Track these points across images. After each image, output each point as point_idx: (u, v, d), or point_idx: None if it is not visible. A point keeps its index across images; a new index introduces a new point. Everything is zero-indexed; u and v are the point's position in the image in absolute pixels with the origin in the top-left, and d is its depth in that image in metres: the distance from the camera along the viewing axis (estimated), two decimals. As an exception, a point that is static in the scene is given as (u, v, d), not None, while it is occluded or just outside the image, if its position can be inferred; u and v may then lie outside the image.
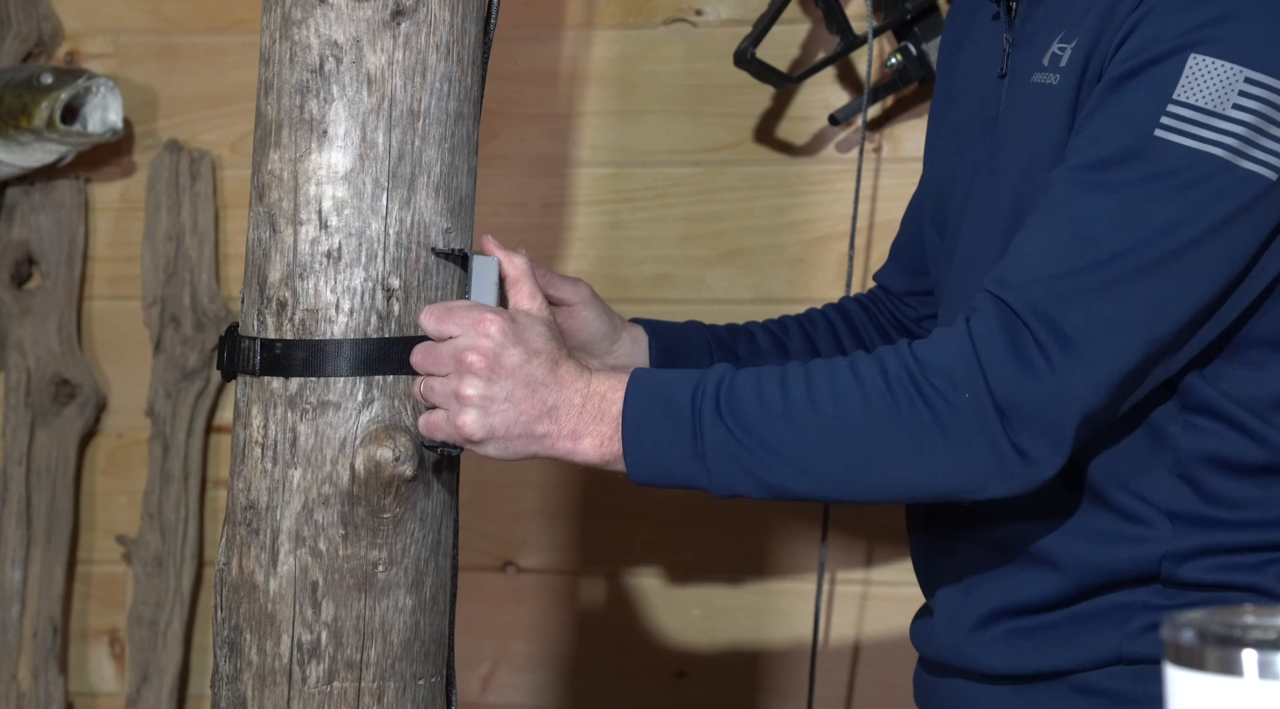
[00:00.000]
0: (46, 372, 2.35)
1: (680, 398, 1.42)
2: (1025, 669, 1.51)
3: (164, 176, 2.33)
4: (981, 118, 1.57)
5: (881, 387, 1.38)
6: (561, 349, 1.45)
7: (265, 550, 1.47)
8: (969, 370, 1.37)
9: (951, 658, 1.56)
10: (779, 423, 1.40)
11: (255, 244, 1.49)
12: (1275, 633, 0.91)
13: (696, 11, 2.23)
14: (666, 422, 1.42)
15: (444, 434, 1.44)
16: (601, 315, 1.67)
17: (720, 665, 2.24)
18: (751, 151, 2.22)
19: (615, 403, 1.43)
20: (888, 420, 1.38)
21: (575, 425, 1.43)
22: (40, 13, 2.36)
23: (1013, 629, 1.52)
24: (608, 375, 1.45)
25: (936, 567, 1.59)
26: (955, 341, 1.38)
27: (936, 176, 1.68)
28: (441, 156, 1.49)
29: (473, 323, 1.42)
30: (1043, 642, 1.50)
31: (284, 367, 1.46)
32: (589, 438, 1.43)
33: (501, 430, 1.42)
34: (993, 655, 1.53)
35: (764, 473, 1.42)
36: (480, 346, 1.41)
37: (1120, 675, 1.47)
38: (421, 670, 1.51)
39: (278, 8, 1.48)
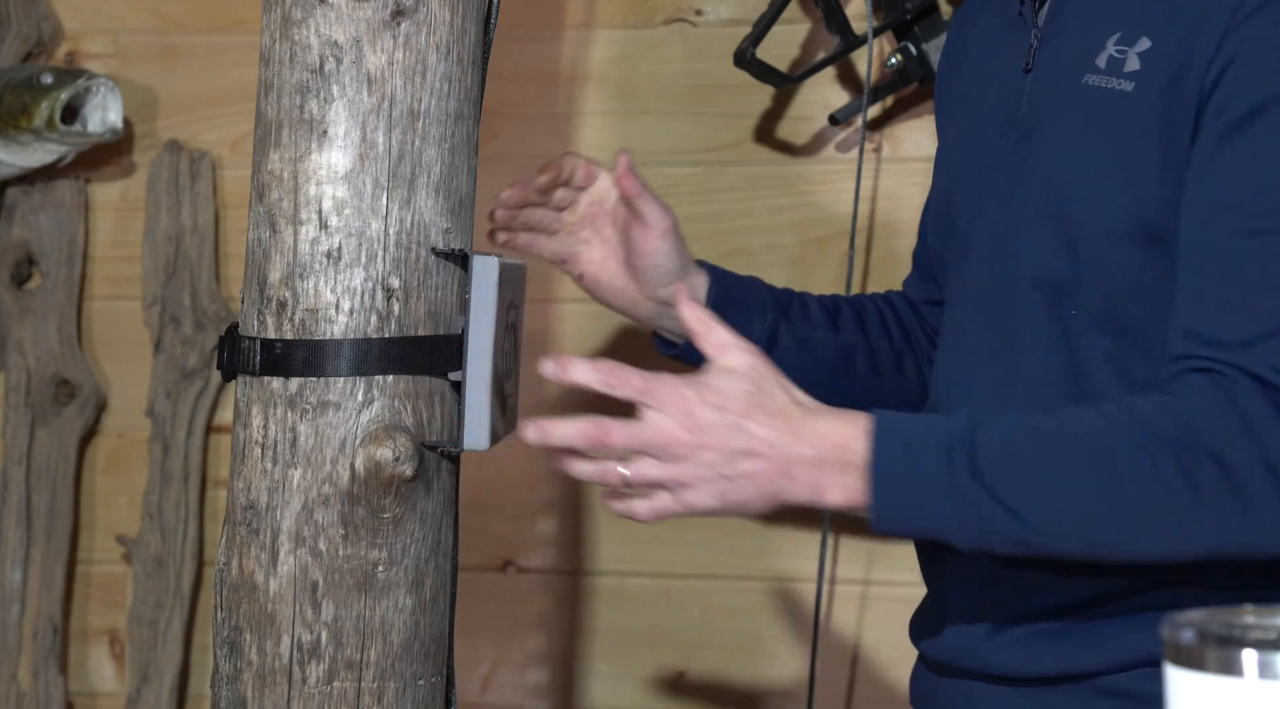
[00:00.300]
0: (46, 371, 2.35)
1: (932, 455, 1.37)
2: (1047, 671, 1.49)
3: (164, 176, 2.33)
4: (999, 114, 1.56)
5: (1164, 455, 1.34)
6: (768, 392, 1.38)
7: (265, 550, 1.47)
8: (1242, 436, 1.33)
9: (964, 659, 1.54)
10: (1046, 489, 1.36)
11: (255, 244, 1.49)
12: (1275, 633, 0.91)
13: (696, 11, 2.23)
14: (919, 477, 1.36)
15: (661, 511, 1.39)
16: (674, 251, 1.67)
17: (720, 665, 2.24)
18: (751, 151, 2.22)
19: (857, 453, 1.37)
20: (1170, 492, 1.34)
21: (815, 480, 1.37)
22: (40, 13, 2.36)
23: (1035, 631, 1.50)
24: (835, 418, 1.38)
25: (948, 566, 1.57)
26: (1218, 407, 1.35)
27: (944, 179, 1.66)
28: (441, 156, 1.49)
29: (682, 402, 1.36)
30: (1068, 644, 1.48)
31: (284, 367, 1.46)
32: (833, 491, 1.38)
33: (735, 499, 1.38)
34: (1011, 657, 1.51)
35: (1028, 538, 1.37)
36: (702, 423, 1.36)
37: (1146, 676, 1.45)
38: (421, 670, 1.51)
39: (278, 8, 1.48)
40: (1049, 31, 1.53)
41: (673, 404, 1.37)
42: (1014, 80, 1.55)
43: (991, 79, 1.59)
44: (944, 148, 1.70)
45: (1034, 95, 1.52)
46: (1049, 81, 1.52)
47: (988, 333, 1.54)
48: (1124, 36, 1.45)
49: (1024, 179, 1.50)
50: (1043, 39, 1.53)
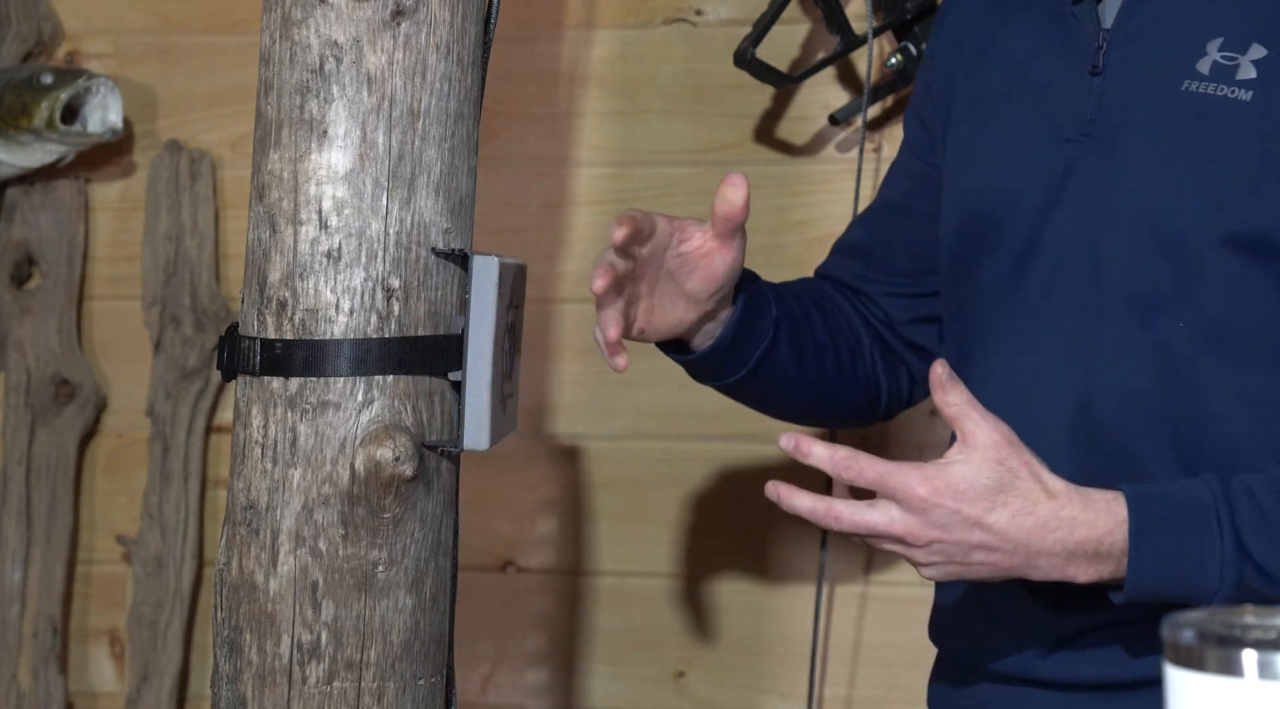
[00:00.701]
0: (46, 372, 2.35)
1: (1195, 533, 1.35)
2: (1124, 678, 1.45)
3: (164, 176, 2.33)
4: (1059, 118, 1.49)
5: None
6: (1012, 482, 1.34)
7: (265, 550, 1.47)
8: None
9: (1029, 669, 1.50)
10: None
11: (255, 244, 1.49)
12: (1275, 633, 0.91)
13: (696, 11, 2.23)
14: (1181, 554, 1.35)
15: None
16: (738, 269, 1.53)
17: (720, 665, 2.24)
18: (751, 151, 2.22)
19: (1114, 545, 1.35)
20: None
21: (1062, 569, 1.35)
22: (40, 13, 2.36)
23: (1112, 637, 1.46)
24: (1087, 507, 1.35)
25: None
26: None
27: (972, 182, 1.57)
28: (441, 156, 1.49)
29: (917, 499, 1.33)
30: (1146, 648, 1.44)
31: (284, 367, 1.46)
32: (1083, 575, 1.36)
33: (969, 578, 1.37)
34: (1084, 666, 1.47)
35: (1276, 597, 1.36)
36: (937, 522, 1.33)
37: None
38: (421, 670, 1.51)
39: (278, 8, 1.48)
40: (1121, 33, 1.48)
41: (909, 500, 1.33)
42: (1076, 83, 1.49)
43: (1039, 80, 1.53)
44: (964, 149, 1.60)
45: (1110, 100, 1.47)
46: (1130, 86, 1.46)
47: (1064, 347, 1.48)
48: (1229, 42, 1.42)
49: (1109, 188, 1.45)
50: (1112, 41, 1.48)
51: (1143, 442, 1.44)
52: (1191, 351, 1.43)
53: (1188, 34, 1.44)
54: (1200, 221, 1.41)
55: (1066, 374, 1.47)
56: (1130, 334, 1.44)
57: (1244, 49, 1.41)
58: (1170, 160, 1.43)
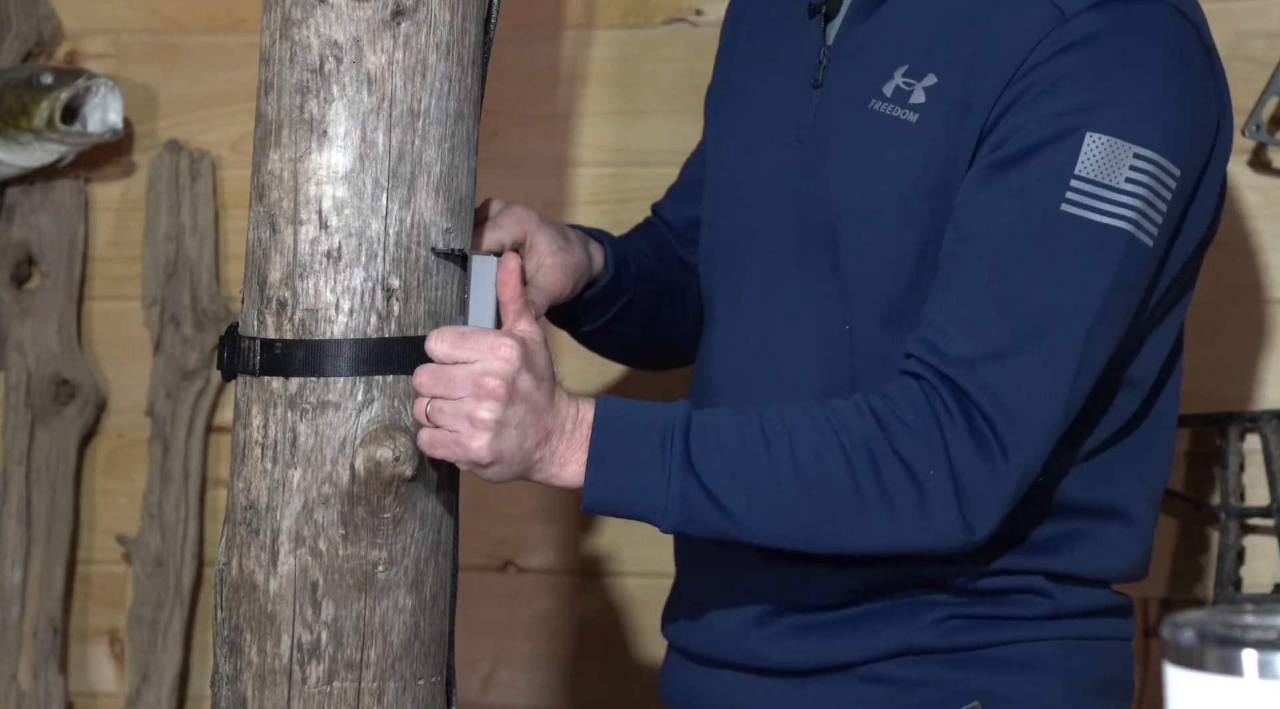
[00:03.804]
0: (46, 372, 2.35)
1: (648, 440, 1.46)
2: (810, 663, 1.56)
3: (164, 176, 2.33)
4: (784, 124, 1.61)
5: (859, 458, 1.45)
6: (554, 373, 1.48)
7: (265, 550, 1.47)
8: (934, 448, 1.44)
9: (729, 653, 1.60)
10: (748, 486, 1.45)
11: (255, 244, 1.49)
12: (1275, 633, 0.91)
13: (696, 11, 2.23)
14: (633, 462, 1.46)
15: (447, 454, 1.44)
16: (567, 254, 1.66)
17: (720, 665, 2.24)
18: (751, 151, 2.22)
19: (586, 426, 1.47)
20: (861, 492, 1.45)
21: (564, 452, 1.47)
22: (40, 13, 2.36)
23: (797, 624, 1.57)
24: (591, 402, 1.48)
25: (708, 562, 1.62)
26: (920, 417, 1.45)
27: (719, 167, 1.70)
28: (441, 156, 1.49)
29: (490, 348, 1.42)
30: (829, 636, 1.55)
31: (284, 366, 1.46)
32: (573, 464, 1.47)
33: (507, 455, 1.44)
34: (775, 650, 1.57)
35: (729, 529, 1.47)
36: (499, 371, 1.42)
37: (907, 664, 1.54)
38: (421, 670, 1.51)
39: (278, 8, 1.48)
40: (839, 51, 1.59)
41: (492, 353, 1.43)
42: (801, 92, 1.60)
43: (775, 85, 1.64)
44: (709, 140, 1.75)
45: (822, 111, 1.58)
46: (837, 100, 1.57)
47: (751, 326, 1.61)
48: (911, 69, 1.53)
49: (806, 197, 1.57)
50: (832, 57, 1.59)
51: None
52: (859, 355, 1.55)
53: (884, 58, 1.55)
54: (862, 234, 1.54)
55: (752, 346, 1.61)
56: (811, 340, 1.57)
57: (921, 76, 1.52)
58: (847, 172, 1.55)
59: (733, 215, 1.66)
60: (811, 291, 1.57)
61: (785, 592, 1.57)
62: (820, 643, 1.56)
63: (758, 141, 1.64)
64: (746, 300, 1.63)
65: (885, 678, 1.55)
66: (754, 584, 1.58)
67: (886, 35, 1.56)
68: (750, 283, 1.62)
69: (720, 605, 1.61)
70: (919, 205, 1.51)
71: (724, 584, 1.61)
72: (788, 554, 1.52)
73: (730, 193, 1.67)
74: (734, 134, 1.69)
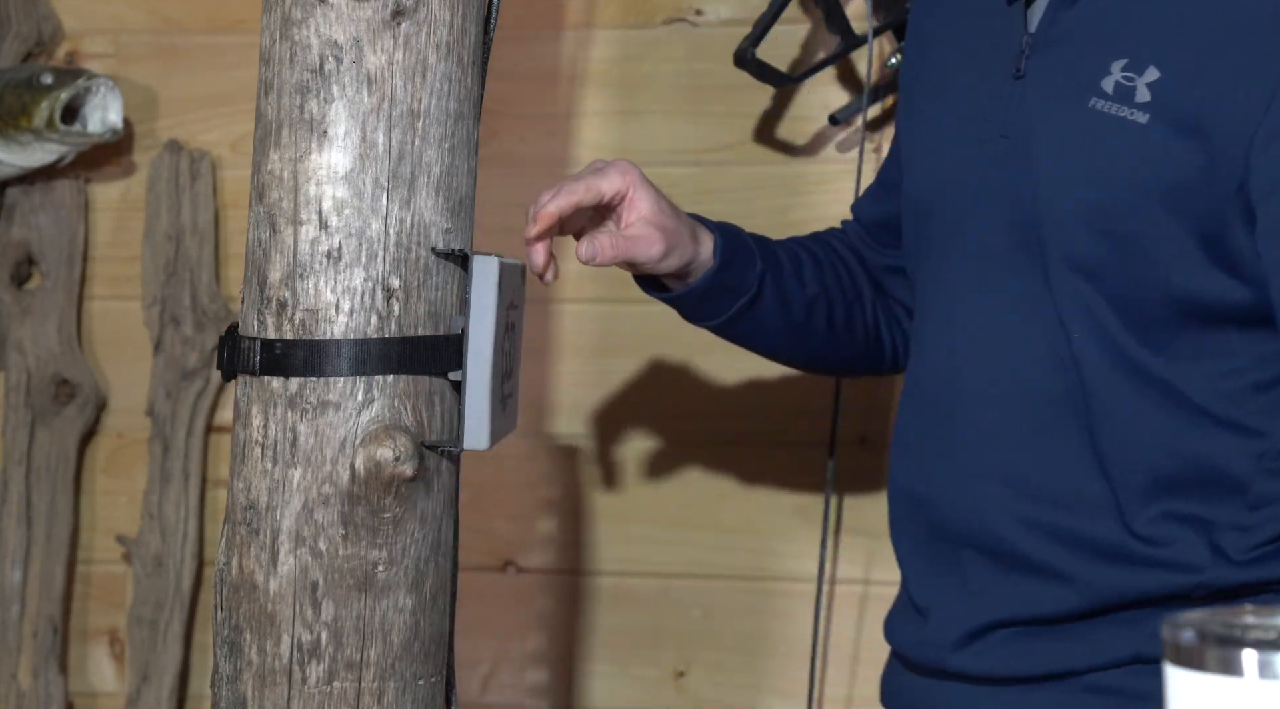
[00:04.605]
0: (46, 372, 2.35)
1: None
2: (1033, 672, 1.52)
3: (164, 176, 2.33)
4: (987, 118, 1.55)
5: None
6: None
7: (265, 550, 1.47)
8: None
9: (950, 663, 1.56)
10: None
11: (255, 244, 1.49)
12: (1275, 633, 0.91)
13: (696, 11, 2.23)
14: None
15: None
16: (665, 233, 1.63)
17: (720, 665, 2.24)
18: (751, 151, 2.22)
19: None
20: None
21: None
22: (40, 13, 2.36)
23: (1020, 634, 1.52)
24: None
25: (936, 573, 1.59)
26: None
27: (920, 170, 1.65)
28: (441, 156, 1.49)
29: None
30: (1053, 646, 1.51)
31: (284, 367, 1.46)
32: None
33: None
34: (997, 660, 1.53)
35: None
36: None
37: (1136, 674, 1.49)
38: (421, 670, 1.51)
39: (278, 8, 1.48)
40: (1042, 39, 1.52)
41: None
42: (1002, 84, 1.54)
43: (976, 77, 1.58)
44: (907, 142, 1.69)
45: (1027, 104, 1.52)
46: (1043, 93, 1.51)
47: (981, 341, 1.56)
48: (1131, 63, 1.46)
49: (1018, 197, 1.51)
50: (1035, 46, 1.52)
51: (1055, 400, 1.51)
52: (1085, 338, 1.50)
53: (1098, 50, 1.48)
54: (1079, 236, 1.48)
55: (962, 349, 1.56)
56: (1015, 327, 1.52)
57: (1141, 71, 1.45)
58: (1066, 172, 1.49)
59: (938, 214, 1.61)
60: (1024, 296, 1.52)
61: (1015, 602, 1.52)
62: (1046, 651, 1.52)
63: (960, 136, 1.58)
64: (955, 302, 1.58)
65: (1111, 688, 1.50)
66: (977, 597, 1.54)
67: (1095, 22, 1.49)
68: (959, 285, 1.57)
69: (942, 617, 1.57)
70: (1155, 212, 1.45)
71: (953, 593, 1.57)
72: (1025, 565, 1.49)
73: (933, 190, 1.62)
74: (934, 128, 1.63)
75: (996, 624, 1.53)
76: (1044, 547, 1.51)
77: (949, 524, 1.56)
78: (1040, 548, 1.51)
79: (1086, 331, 1.48)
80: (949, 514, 1.56)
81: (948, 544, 1.57)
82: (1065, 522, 1.50)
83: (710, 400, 2.23)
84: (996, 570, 1.53)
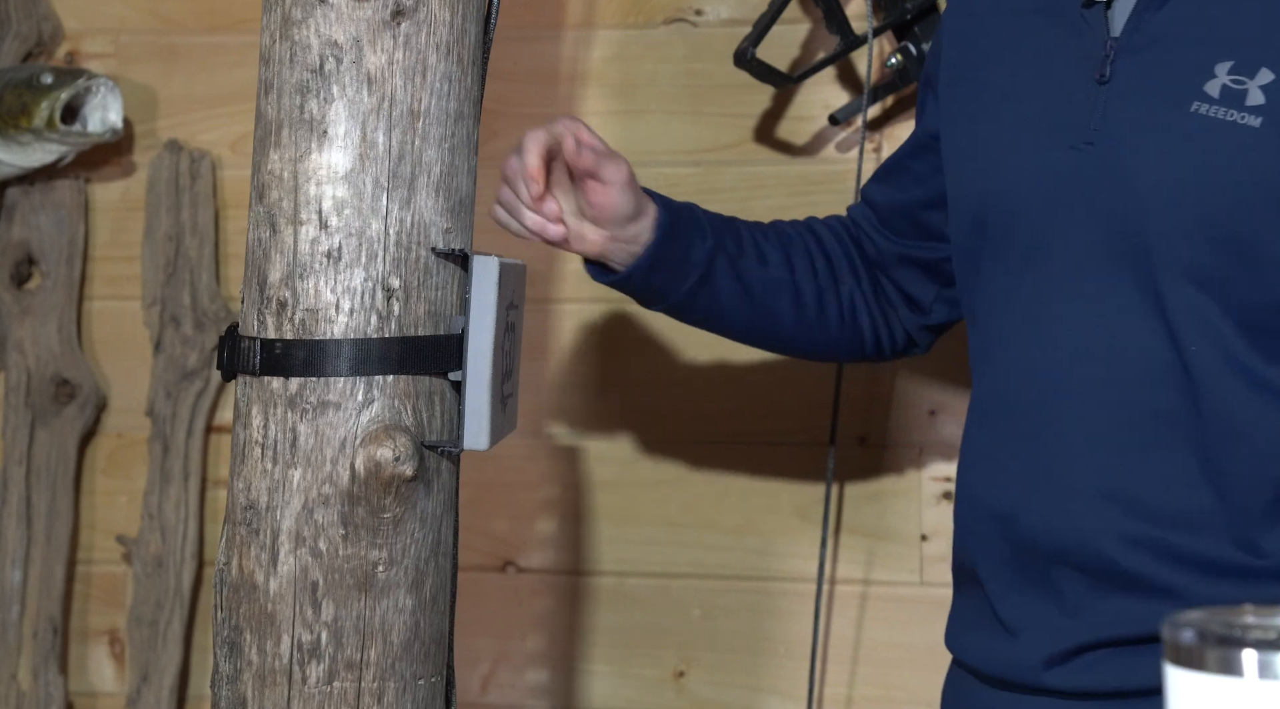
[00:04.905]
0: (46, 372, 2.35)
1: None
2: (1140, 686, 1.46)
3: (164, 176, 2.33)
4: (1065, 123, 1.50)
5: None
6: None
7: (265, 550, 1.47)
8: None
9: (1046, 680, 1.51)
10: None
11: (255, 244, 1.49)
12: (1275, 633, 0.91)
13: (696, 11, 2.23)
14: None
15: None
16: (633, 197, 1.63)
17: (720, 665, 2.24)
18: (751, 151, 2.22)
19: None
20: None
21: None
22: (40, 13, 2.36)
23: (1123, 652, 1.48)
24: None
25: (1025, 591, 1.53)
26: None
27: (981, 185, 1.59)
28: (441, 156, 1.49)
29: None
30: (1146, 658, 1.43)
31: (284, 366, 1.46)
32: None
33: None
34: (1098, 677, 1.49)
35: None
36: None
37: None
38: (421, 670, 1.51)
39: (278, 8, 1.48)
40: (1129, 43, 1.48)
41: None
42: (1083, 89, 1.50)
43: (1044, 83, 1.54)
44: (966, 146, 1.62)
45: (1116, 111, 1.48)
46: (1136, 99, 1.47)
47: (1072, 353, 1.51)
48: (1238, 65, 1.42)
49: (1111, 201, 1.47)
50: (1120, 50, 1.49)
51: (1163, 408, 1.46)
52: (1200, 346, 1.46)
53: (1196, 53, 1.44)
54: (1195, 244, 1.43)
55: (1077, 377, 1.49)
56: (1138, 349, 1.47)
57: (1252, 73, 1.42)
58: (1175, 181, 1.44)
59: (1012, 223, 1.54)
60: (1126, 307, 1.47)
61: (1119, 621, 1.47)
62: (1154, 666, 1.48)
63: (1034, 143, 1.52)
64: (1043, 315, 1.51)
65: None
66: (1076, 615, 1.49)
67: (1192, 26, 1.45)
68: (1046, 297, 1.51)
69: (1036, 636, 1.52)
70: (1275, 218, 1.41)
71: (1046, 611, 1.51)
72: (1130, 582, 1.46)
73: (1005, 199, 1.55)
74: (998, 133, 1.57)
75: (1097, 643, 1.49)
76: (1151, 563, 1.46)
77: (1042, 542, 1.51)
78: (1147, 565, 1.46)
79: (1204, 343, 1.44)
80: (1043, 531, 1.51)
81: (1039, 562, 1.51)
82: (1174, 538, 1.45)
83: (710, 400, 2.23)
84: (1096, 588, 1.48)
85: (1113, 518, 1.47)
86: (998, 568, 1.56)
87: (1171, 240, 1.44)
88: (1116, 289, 1.47)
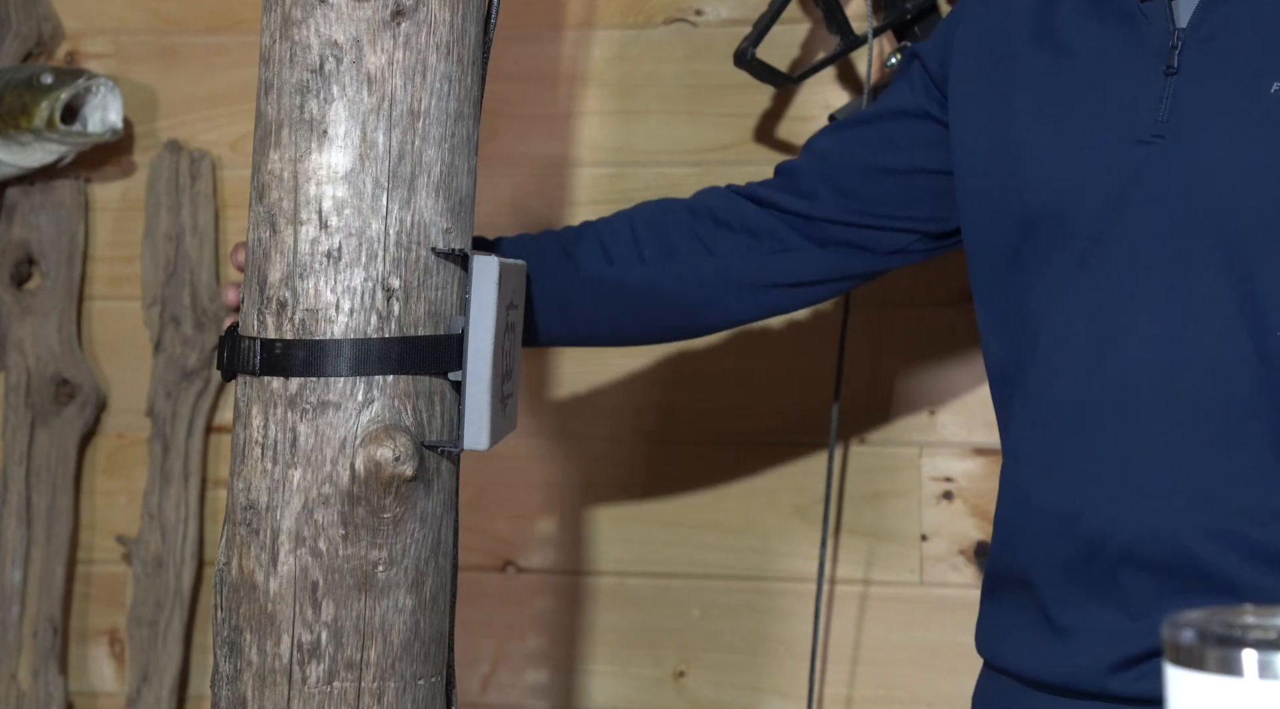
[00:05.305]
0: (46, 372, 2.35)
1: None
2: None
3: (164, 176, 2.33)
4: (1131, 116, 1.48)
5: None
6: None
7: (265, 550, 1.47)
8: None
9: (1111, 685, 1.49)
10: None
11: (255, 244, 1.49)
12: (1275, 633, 0.91)
13: (696, 11, 2.23)
14: None
15: None
16: None
17: (720, 665, 2.24)
18: (751, 151, 2.22)
19: None
20: None
21: None
22: (40, 13, 2.36)
23: None
24: None
25: (1084, 593, 1.50)
26: None
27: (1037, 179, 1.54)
28: (441, 156, 1.49)
29: None
30: None
31: (284, 366, 1.46)
32: None
33: None
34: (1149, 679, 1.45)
35: None
36: None
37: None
38: (421, 670, 1.51)
39: (278, 8, 1.48)
40: (1199, 33, 1.47)
41: None
42: (1149, 81, 1.48)
43: (1105, 78, 1.51)
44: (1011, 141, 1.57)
45: (1187, 101, 1.46)
46: (1211, 88, 1.46)
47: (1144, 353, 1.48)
48: None
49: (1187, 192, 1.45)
50: (1189, 40, 1.47)
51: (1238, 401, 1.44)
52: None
53: (1271, 37, 1.43)
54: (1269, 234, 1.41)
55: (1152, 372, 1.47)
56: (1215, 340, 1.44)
57: None
58: (1257, 166, 1.42)
59: (1071, 219, 1.50)
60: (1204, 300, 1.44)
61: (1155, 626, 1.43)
62: None
63: (1093, 138, 1.50)
64: (1110, 310, 1.48)
65: None
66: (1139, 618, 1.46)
67: (1261, 15, 1.44)
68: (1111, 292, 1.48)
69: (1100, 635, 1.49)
70: None
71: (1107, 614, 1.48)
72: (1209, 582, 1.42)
73: (1062, 194, 1.51)
74: (1045, 132, 1.53)
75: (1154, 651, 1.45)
76: (1236, 561, 1.43)
77: (1110, 542, 1.47)
78: (1228, 560, 1.43)
79: None
80: (1112, 532, 1.47)
81: (1104, 563, 1.48)
82: (1259, 535, 1.43)
83: (710, 400, 2.23)
84: (1166, 589, 1.45)
85: (1192, 513, 1.44)
86: (1054, 570, 1.51)
87: (1254, 228, 1.41)
88: (1192, 282, 1.44)
